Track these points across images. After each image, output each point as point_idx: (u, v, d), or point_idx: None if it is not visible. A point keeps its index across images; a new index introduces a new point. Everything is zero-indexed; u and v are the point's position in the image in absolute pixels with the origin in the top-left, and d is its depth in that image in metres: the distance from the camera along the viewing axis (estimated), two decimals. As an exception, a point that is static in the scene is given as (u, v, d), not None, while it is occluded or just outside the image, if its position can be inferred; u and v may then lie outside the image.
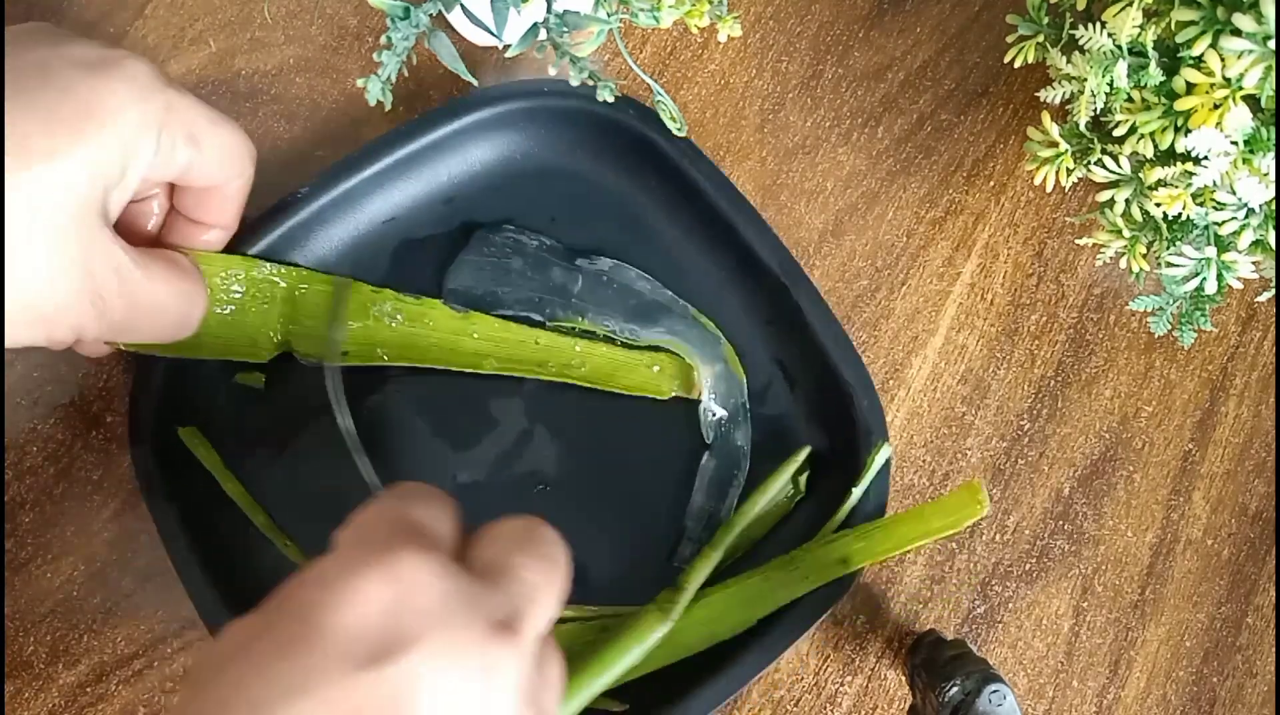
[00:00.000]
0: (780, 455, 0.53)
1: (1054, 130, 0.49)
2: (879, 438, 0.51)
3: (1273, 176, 0.43)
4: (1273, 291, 0.53)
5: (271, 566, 0.52)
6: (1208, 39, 0.42)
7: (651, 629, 0.49)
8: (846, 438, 0.52)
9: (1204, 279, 0.47)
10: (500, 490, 0.53)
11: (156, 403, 0.52)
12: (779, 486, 0.52)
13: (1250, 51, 0.40)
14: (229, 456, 0.53)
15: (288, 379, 0.54)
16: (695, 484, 0.53)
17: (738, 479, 0.53)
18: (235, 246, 0.52)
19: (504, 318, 0.55)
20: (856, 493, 0.51)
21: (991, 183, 0.59)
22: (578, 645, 0.49)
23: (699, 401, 0.54)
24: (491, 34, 0.48)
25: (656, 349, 0.55)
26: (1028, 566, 0.55)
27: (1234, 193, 0.44)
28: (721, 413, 0.54)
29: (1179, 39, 0.43)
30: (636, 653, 0.49)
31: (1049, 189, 0.52)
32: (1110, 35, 0.45)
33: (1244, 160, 0.43)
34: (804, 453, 0.53)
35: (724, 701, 0.48)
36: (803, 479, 0.53)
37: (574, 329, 0.55)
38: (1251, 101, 0.42)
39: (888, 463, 0.51)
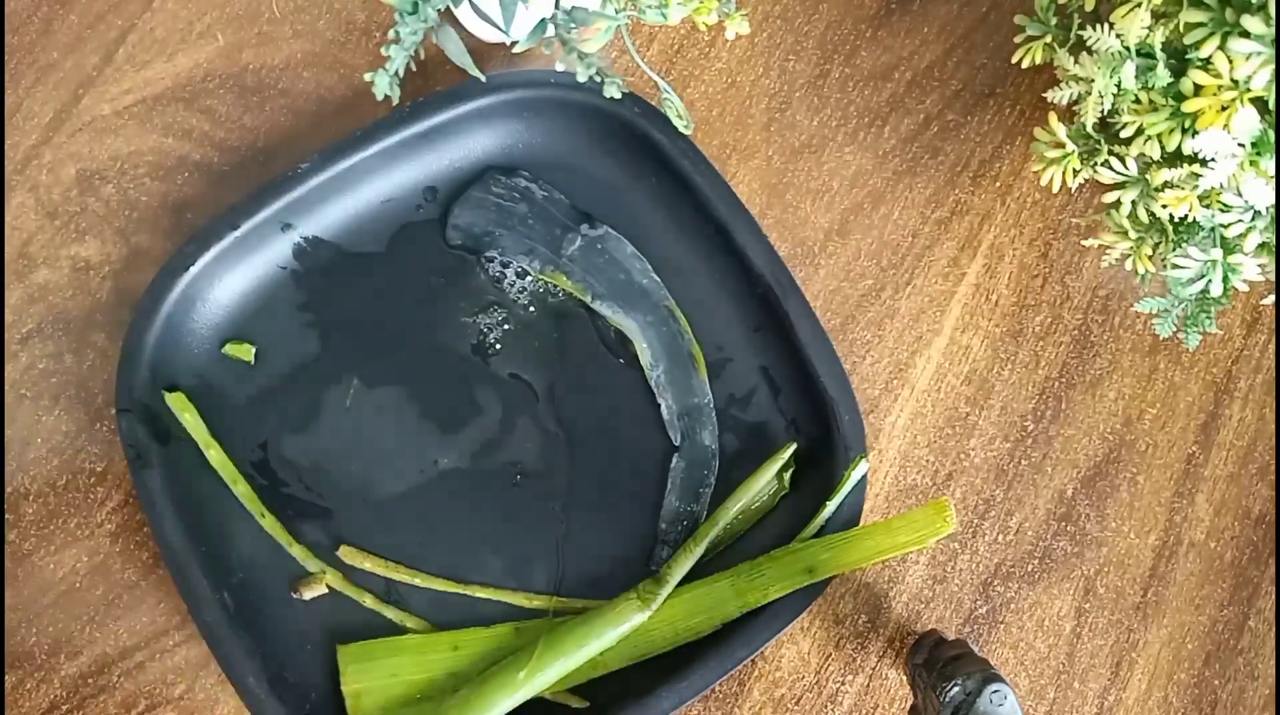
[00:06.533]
0: (763, 460, 0.53)
1: (1061, 131, 0.49)
2: (857, 452, 0.51)
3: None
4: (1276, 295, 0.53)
5: (251, 538, 0.53)
6: (1216, 41, 0.41)
7: (629, 615, 0.50)
8: (826, 448, 0.53)
9: (1209, 281, 0.47)
10: (480, 478, 0.54)
11: (144, 369, 0.52)
12: (763, 482, 0.52)
13: (1258, 53, 0.40)
14: (214, 427, 0.53)
15: (277, 352, 0.55)
16: (667, 486, 0.54)
17: (708, 480, 0.54)
18: (235, 219, 0.53)
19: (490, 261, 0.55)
20: (830, 507, 0.51)
21: (998, 183, 0.59)
22: (557, 628, 0.50)
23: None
24: (499, 29, 0.48)
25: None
26: (1030, 567, 0.55)
27: (1240, 195, 0.44)
28: (673, 409, 0.54)
29: (1187, 40, 0.43)
30: (612, 635, 0.50)
31: (1055, 190, 0.52)
32: (1118, 36, 0.45)
33: (1251, 162, 0.43)
34: (790, 449, 0.53)
35: (685, 703, 0.49)
36: (787, 475, 0.53)
37: (558, 290, 0.56)
38: (1259, 103, 0.42)
39: (864, 477, 0.52)
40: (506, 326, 0.55)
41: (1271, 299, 0.56)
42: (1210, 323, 0.51)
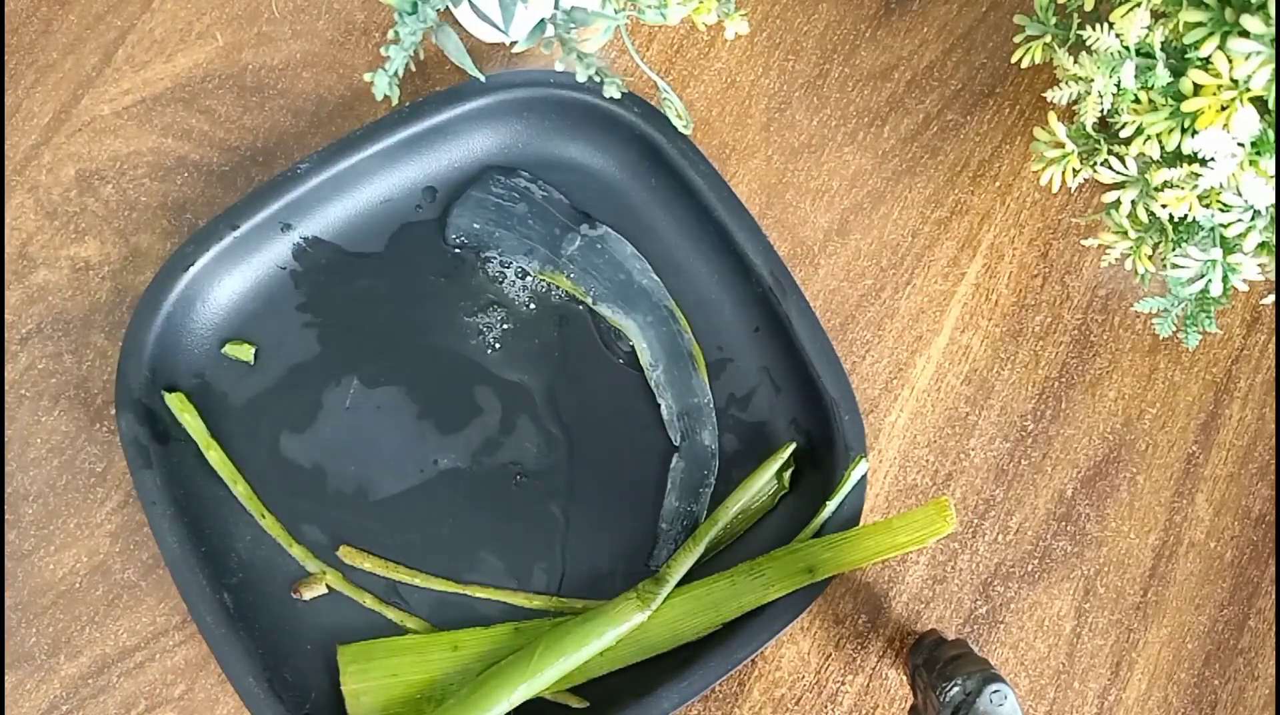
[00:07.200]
0: (763, 460, 0.53)
1: (1060, 131, 0.49)
2: (856, 452, 0.51)
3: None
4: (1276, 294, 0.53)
5: (251, 538, 0.53)
6: (1215, 40, 0.41)
7: (629, 615, 0.50)
8: (826, 448, 0.53)
9: (1209, 281, 0.47)
10: (480, 478, 0.54)
11: (143, 369, 0.52)
12: (762, 482, 0.52)
13: (1258, 53, 0.40)
14: (214, 427, 0.53)
15: (277, 352, 0.55)
16: (667, 486, 0.54)
17: (708, 480, 0.54)
18: (234, 219, 0.53)
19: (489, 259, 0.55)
20: (830, 506, 0.51)
21: (997, 183, 0.59)
22: (557, 627, 0.50)
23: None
24: (498, 30, 0.48)
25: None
26: (1030, 567, 0.55)
27: (1240, 195, 0.44)
28: (673, 409, 0.54)
29: (1186, 40, 0.43)
30: (611, 635, 0.50)
31: (1055, 190, 0.52)
32: (1118, 36, 0.45)
33: (1251, 162, 0.43)
34: (788, 449, 0.53)
35: (685, 703, 0.49)
36: (787, 475, 0.53)
37: (558, 289, 0.56)
38: (1259, 103, 0.42)
39: (864, 477, 0.52)
40: (506, 326, 0.55)
41: (1271, 299, 0.56)
42: (1210, 322, 0.51)
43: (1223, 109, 0.42)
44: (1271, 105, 0.42)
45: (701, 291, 0.56)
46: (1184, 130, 0.44)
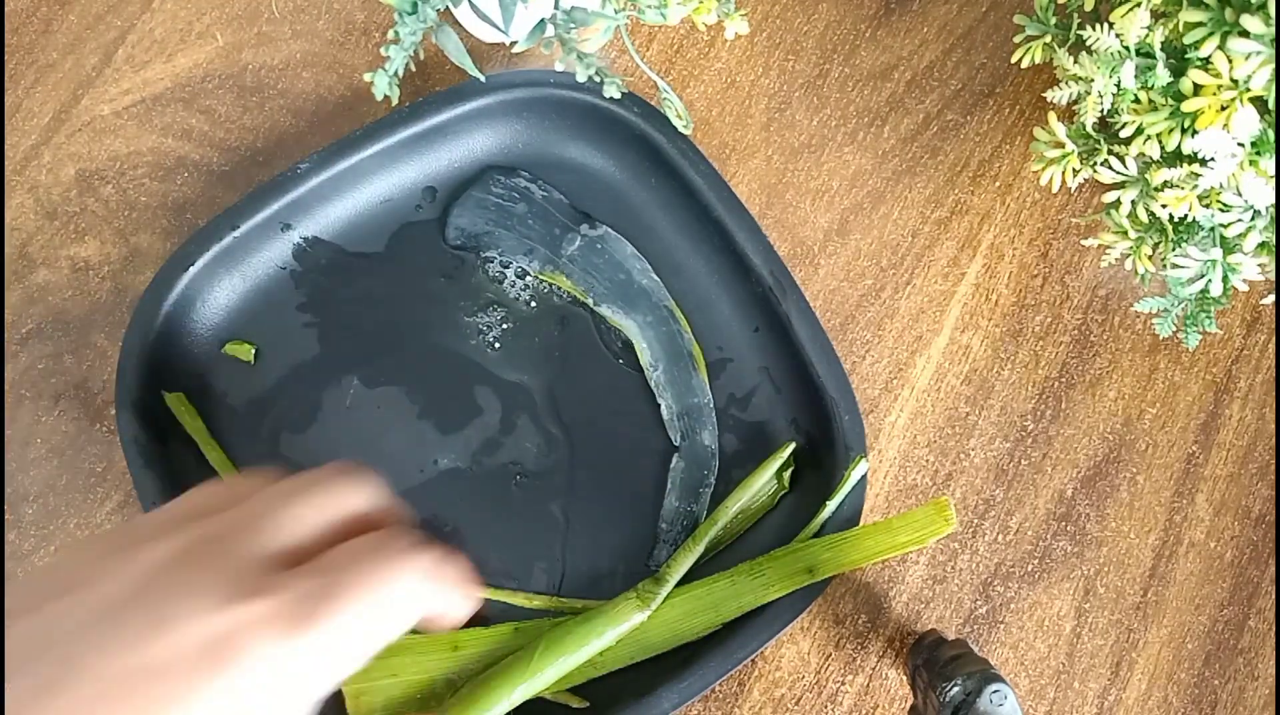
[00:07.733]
0: (763, 459, 0.53)
1: (1060, 131, 0.49)
2: (856, 452, 0.52)
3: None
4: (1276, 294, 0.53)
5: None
6: (1215, 40, 0.41)
7: (629, 614, 0.50)
8: (826, 448, 0.53)
9: (1209, 281, 0.47)
10: (480, 478, 0.54)
11: (143, 369, 0.52)
12: (762, 482, 0.52)
13: (1258, 53, 0.40)
14: (214, 427, 0.53)
15: (276, 352, 0.55)
16: (667, 486, 0.54)
17: (708, 480, 0.54)
18: (234, 219, 0.53)
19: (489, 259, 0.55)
20: (830, 506, 0.51)
21: (997, 183, 0.59)
22: (557, 627, 0.50)
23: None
24: (499, 30, 0.48)
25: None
26: (1030, 567, 0.55)
27: (1240, 195, 0.44)
28: (674, 409, 0.54)
29: (1186, 40, 0.43)
30: (611, 635, 0.50)
31: (1055, 190, 0.52)
32: (1118, 36, 0.45)
33: (1251, 162, 0.43)
34: (788, 449, 0.53)
35: (685, 703, 0.49)
36: (786, 475, 0.53)
37: (558, 289, 0.56)
38: (1259, 103, 0.42)
39: (864, 477, 0.52)
40: (506, 326, 0.55)
41: (1271, 299, 0.56)
42: (1210, 322, 0.51)
43: (1223, 109, 0.42)
44: (1271, 105, 0.42)
45: (701, 291, 0.56)
46: (1184, 130, 0.44)
